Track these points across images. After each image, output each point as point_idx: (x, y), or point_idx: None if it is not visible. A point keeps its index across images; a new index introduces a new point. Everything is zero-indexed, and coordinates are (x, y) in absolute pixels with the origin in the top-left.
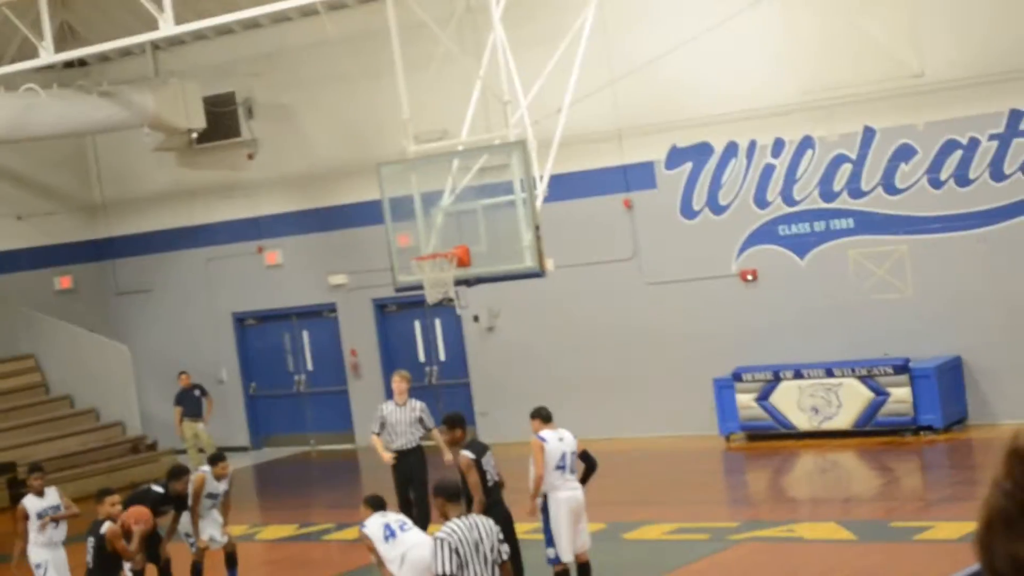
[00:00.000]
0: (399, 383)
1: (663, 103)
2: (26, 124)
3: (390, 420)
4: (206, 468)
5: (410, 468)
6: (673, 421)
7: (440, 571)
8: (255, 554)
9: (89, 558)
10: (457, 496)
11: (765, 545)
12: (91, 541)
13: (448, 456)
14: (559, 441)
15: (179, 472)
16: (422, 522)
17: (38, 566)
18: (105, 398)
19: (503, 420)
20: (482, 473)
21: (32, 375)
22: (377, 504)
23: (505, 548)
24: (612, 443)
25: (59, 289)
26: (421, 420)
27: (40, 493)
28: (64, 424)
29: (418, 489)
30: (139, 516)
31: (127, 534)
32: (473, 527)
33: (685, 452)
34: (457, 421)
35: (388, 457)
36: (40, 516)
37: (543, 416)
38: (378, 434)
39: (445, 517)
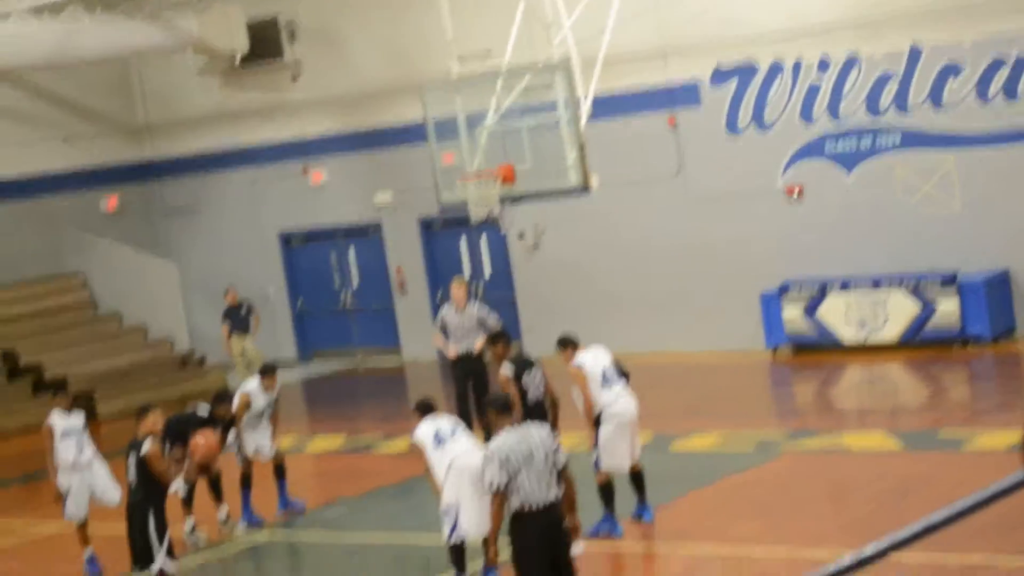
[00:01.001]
0: (456, 290)
1: (707, 22)
2: (71, 48)
3: (451, 325)
4: (253, 383)
5: (471, 370)
6: (719, 335)
7: (488, 483)
8: (304, 465)
9: (131, 475)
10: (508, 408)
11: (812, 455)
12: (132, 458)
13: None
14: (595, 359)
15: (223, 397)
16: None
17: (63, 490)
18: (153, 315)
19: (549, 335)
20: (522, 390)
21: (80, 293)
22: (427, 408)
23: (562, 457)
24: (658, 357)
25: (106, 210)
26: (483, 322)
27: (68, 412)
28: (113, 341)
29: (479, 391)
30: (208, 449)
31: (191, 455)
32: (524, 438)
33: (731, 365)
34: (498, 336)
35: (452, 352)
36: (65, 435)
37: (574, 343)
38: (442, 334)
39: (496, 429)
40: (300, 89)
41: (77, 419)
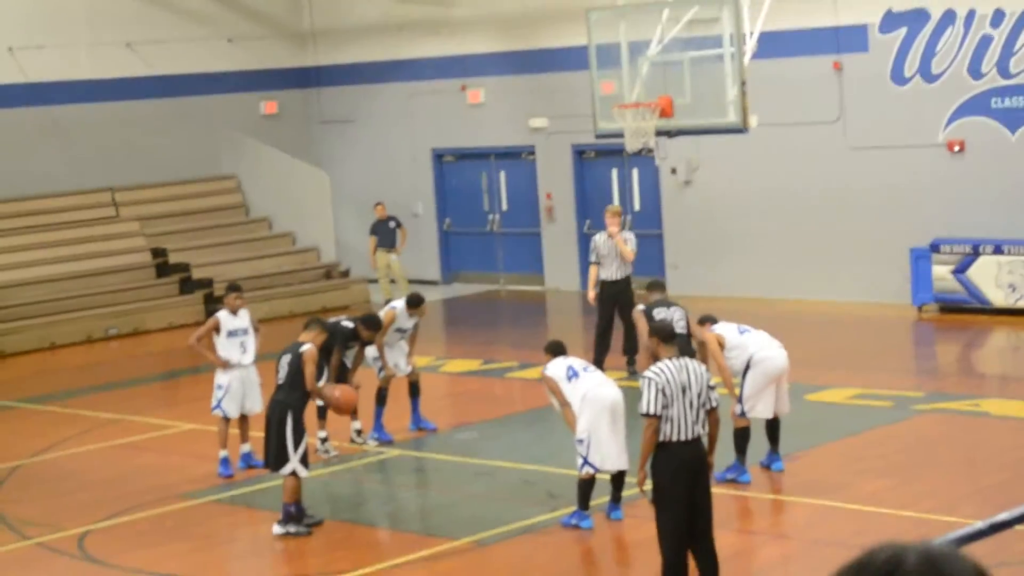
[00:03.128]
0: (610, 217)
1: None
2: None
3: (602, 251)
4: (399, 304)
5: (618, 296)
6: (866, 288)
7: (644, 410)
8: (438, 385)
9: (282, 374)
10: (671, 337)
11: (948, 417)
12: (287, 358)
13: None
14: (724, 325)
15: (372, 322)
16: (630, 344)
17: (219, 387)
18: (302, 223)
19: (693, 274)
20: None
21: (233, 195)
22: (558, 349)
23: (715, 395)
24: (801, 304)
25: (264, 114)
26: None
27: (235, 312)
28: (261, 246)
29: (626, 316)
30: (346, 404)
31: (329, 400)
32: (683, 369)
33: (875, 319)
34: (653, 285)
35: (592, 296)
36: (231, 335)
37: (712, 319)
38: (596, 263)
39: (657, 357)
40: (465, 5)
41: (243, 320)
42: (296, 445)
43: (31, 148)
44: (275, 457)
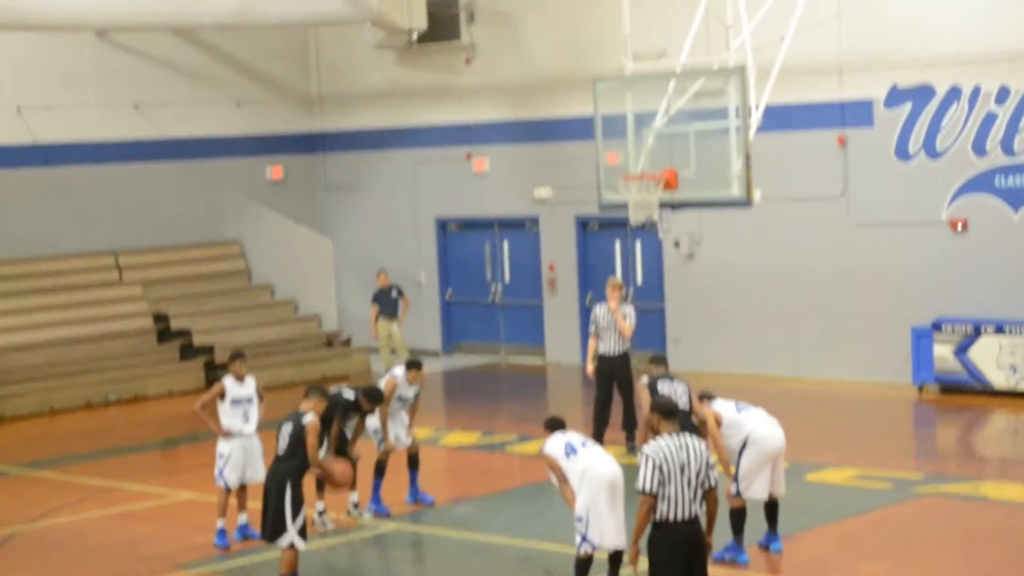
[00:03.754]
0: (611, 291)
1: (887, 40)
2: (251, 11)
3: (601, 324)
4: (399, 372)
5: (615, 370)
6: (865, 366)
7: (639, 486)
8: (437, 458)
9: (282, 444)
10: (673, 414)
11: (949, 500)
12: (288, 428)
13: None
14: (722, 403)
15: (374, 395)
16: (629, 418)
17: (220, 456)
18: (305, 290)
19: (694, 348)
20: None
21: (236, 261)
22: (556, 425)
23: (714, 474)
24: (802, 382)
25: (270, 179)
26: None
27: (241, 379)
28: (263, 312)
29: (625, 392)
30: (344, 480)
31: (329, 474)
32: (683, 447)
33: (876, 399)
34: (655, 360)
35: (591, 369)
36: (235, 403)
37: (710, 396)
38: (595, 335)
39: (657, 432)
40: (472, 73)
41: (249, 387)
42: (295, 516)
43: (37, 208)
44: (272, 527)
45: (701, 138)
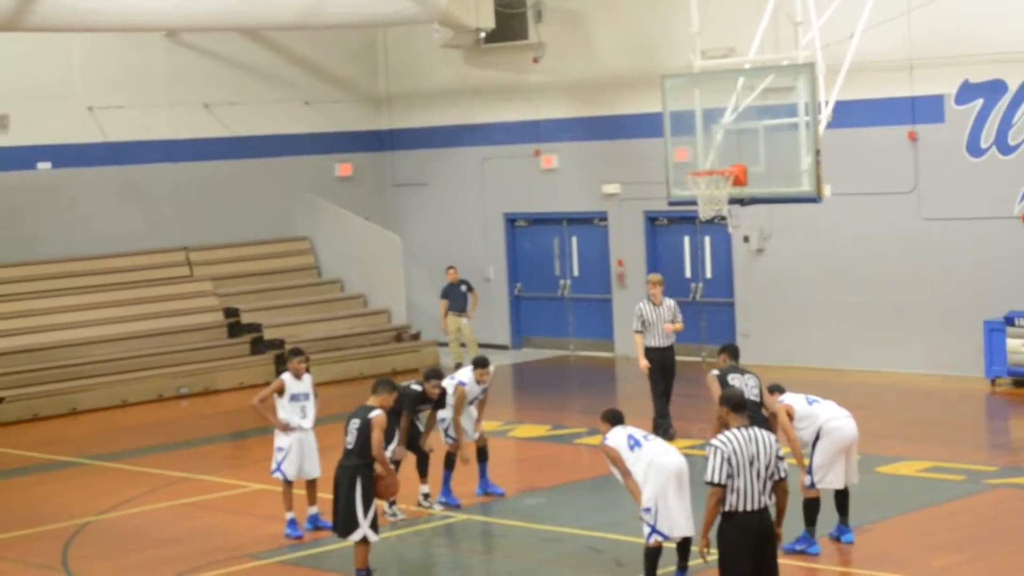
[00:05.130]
0: (652, 287)
1: (958, 35)
2: (320, 12)
3: (648, 319)
4: (466, 380)
5: (665, 361)
6: (938, 360)
7: (708, 478)
8: (506, 451)
9: (351, 439)
10: (742, 406)
11: (1021, 492)
12: (356, 423)
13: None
14: (793, 396)
15: (435, 375)
16: (664, 411)
17: (279, 449)
18: (374, 285)
19: (765, 342)
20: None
21: (306, 257)
22: (616, 419)
23: (784, 465)
24: (873, 376)
25: (339, 176)
26: (674, 318)
27: (299, 376)
28: (333, 307)
29: (668, 382)
30: (390, 490)
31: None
32: (752, 439)
33: (948, 392)
34: (726, 349)
35: (644, 365)
36: (293, 399)
37: (781, 388)
38: (640, 332)
39: (726, 426)
40: (540, 71)
41: (306, 384)
42: (366, 510)
43: (109, 207)
44: (344, 523)
45: (770, 134)
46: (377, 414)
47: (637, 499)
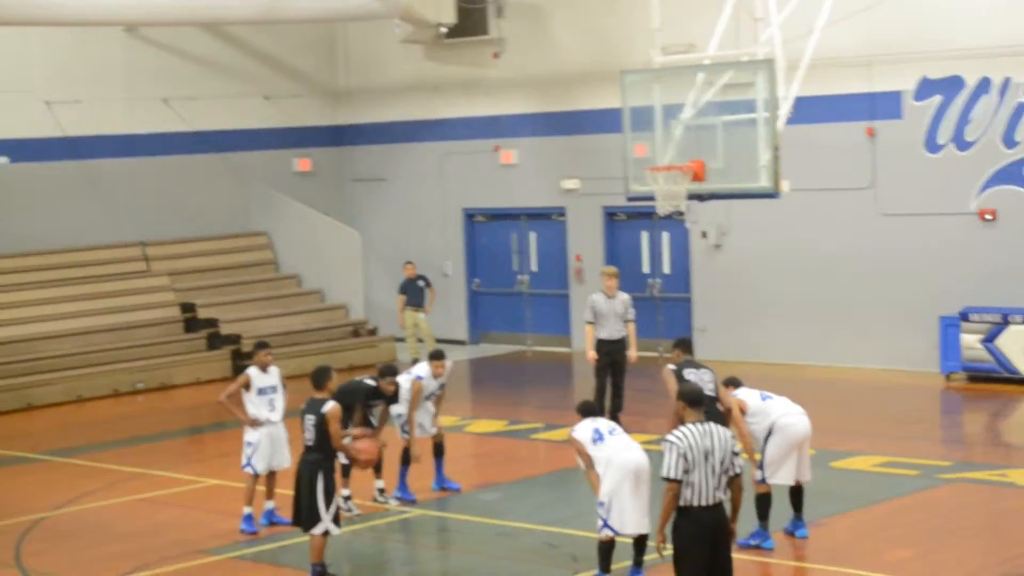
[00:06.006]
0: (607, 279)
1: (917, 32)
2: (281, 7)
3: (600, 311)
4: (422, 374)
5: (613, 355)
6: (893, 355)
7: (664, 473)
8: (463, 446)
9: (309, 436)
10: (698, 402)
11: (975, 487)
12: (311, 419)
13: (633, 352)
14: (748, 391)
15: (386, 372)
16: (616, 406)
17: (249, 444)
18: (331, 281)
19: (721, 338)
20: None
21: (264, 252)
22: (588, 411)
23: (739, 461)
24: (829, 371)
25: (297, 171)
26: (626, 312)
27: (265, 369)
28: (290, 302)
29: (617, 376)
30: (370, 456)
31: (354, 456)
32: (707, 434)
33: (903, 387)
34: (680, 343)
35: (592, 356)
36: (260, 392)
37: (736, 382)
38: (591, 323)
39: (682, 421)
40: (500, 67)
41: (273, 377)
42: (327, 504)
43: (66, 201)
44: (307, 517)
45: (729, 130)
46: (331, 407)
47: (596, 491)
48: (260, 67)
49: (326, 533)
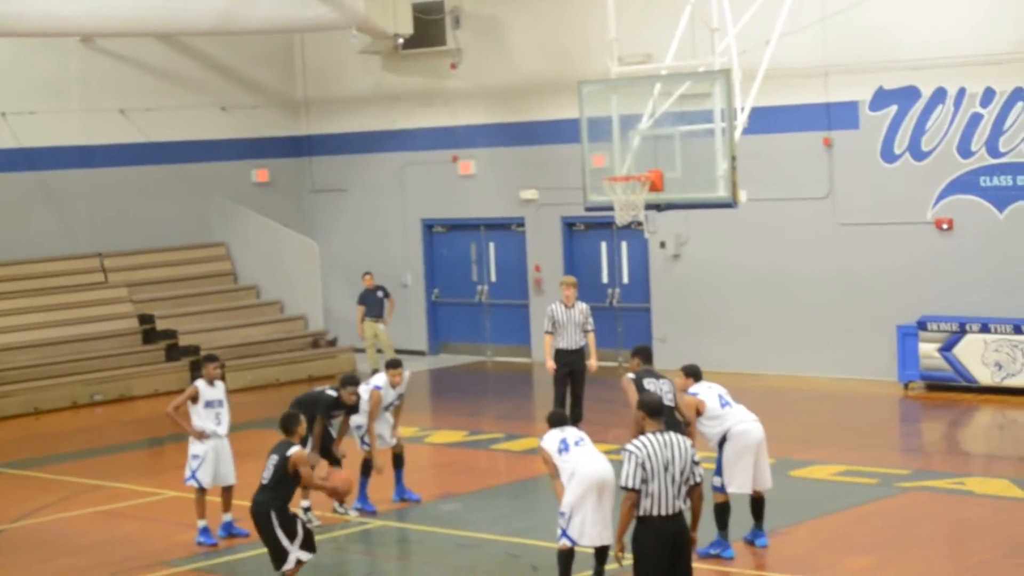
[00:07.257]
0: (566, 289)
1: (873, 43)
2: (237, 17)
3: (559, 321)
4: (381, 378)
5: (572, 365)
6: (851, 364)
7: (623, 483)
8: (423, 456)
9: (267, 474)
10: (658, 412)
11: (933, 495)
12: (274, 459)
13: (593, 362)
14: (709, 388)
15: (350, 381)
16: (576, 416)
17: (195, 456)
18: (291, 291)
19: (681, 347)
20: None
21: (222, 263)
22: (556, 421)
23: (699, 471)
24: (788, 380)
25: (256, 182)
26: (585, 322)
27: (212, 382)
28: (249, 314)
29: (576, 386)
30: (346, 485)
31: (331, 492)
32: (667, 445)
33: (861, 396)
34: (639, 352)
35: (551, 366)
36: (208, 405)
37: (696, 373)
38: (550, 333)
39: (642, 431)
40: (458, 77)
41: (219, 391)
42: (291, 538)
43: (22, 212)
44: (274, 557)
45: (687, 140)
46: (296, 451)
47: (559, 500)
48: (217, 78)
49: (298, 563)
